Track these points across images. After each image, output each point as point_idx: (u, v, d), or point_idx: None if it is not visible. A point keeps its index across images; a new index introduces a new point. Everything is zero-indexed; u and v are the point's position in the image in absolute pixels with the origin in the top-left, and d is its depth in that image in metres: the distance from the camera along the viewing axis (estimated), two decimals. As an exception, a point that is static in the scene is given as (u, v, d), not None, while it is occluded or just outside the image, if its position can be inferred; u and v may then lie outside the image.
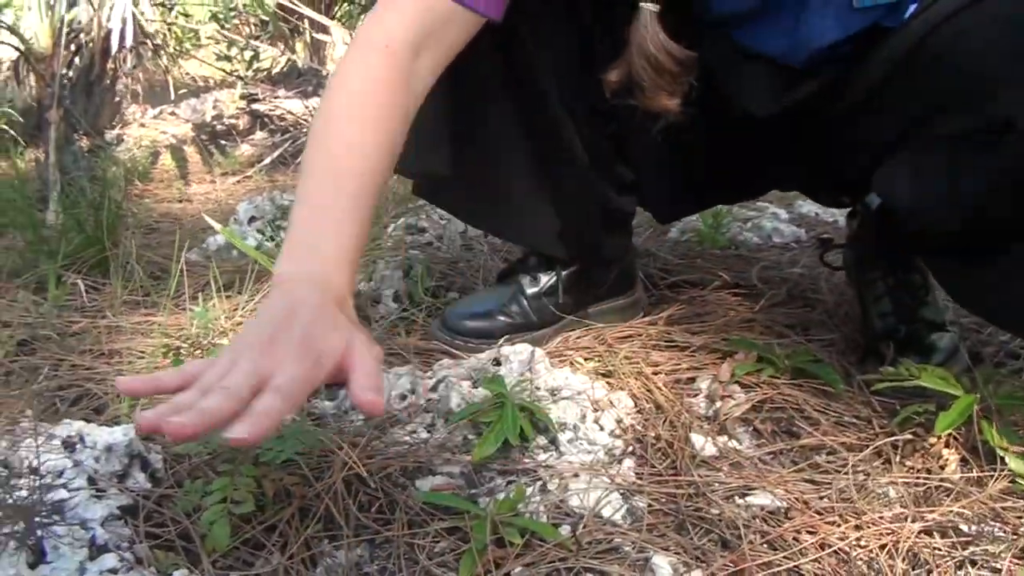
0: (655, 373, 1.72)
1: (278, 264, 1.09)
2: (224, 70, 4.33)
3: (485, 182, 1.50)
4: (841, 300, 1.99)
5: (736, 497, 1.41)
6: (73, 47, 3.50)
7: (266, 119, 4.04)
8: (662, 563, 1.28)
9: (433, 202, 1.70)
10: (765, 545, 1.31)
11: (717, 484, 1.44)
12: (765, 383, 1.67)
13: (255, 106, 4.10)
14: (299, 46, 4.56)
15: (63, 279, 2.10)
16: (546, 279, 1.60)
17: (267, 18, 4.41)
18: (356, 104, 1.07)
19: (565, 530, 1.30)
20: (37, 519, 1.17)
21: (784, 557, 1.26)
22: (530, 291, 1.61)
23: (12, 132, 3.03)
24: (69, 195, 2.24)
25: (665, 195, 1.59)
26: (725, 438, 1.59)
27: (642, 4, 1.26)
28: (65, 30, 3.31)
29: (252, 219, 2.57)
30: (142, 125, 4.07)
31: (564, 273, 1.63)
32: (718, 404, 1.64)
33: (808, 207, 2.82)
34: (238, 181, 3.23)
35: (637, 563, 1.28)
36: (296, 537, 1.29)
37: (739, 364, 1.68)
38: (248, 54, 4.56)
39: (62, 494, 1.27)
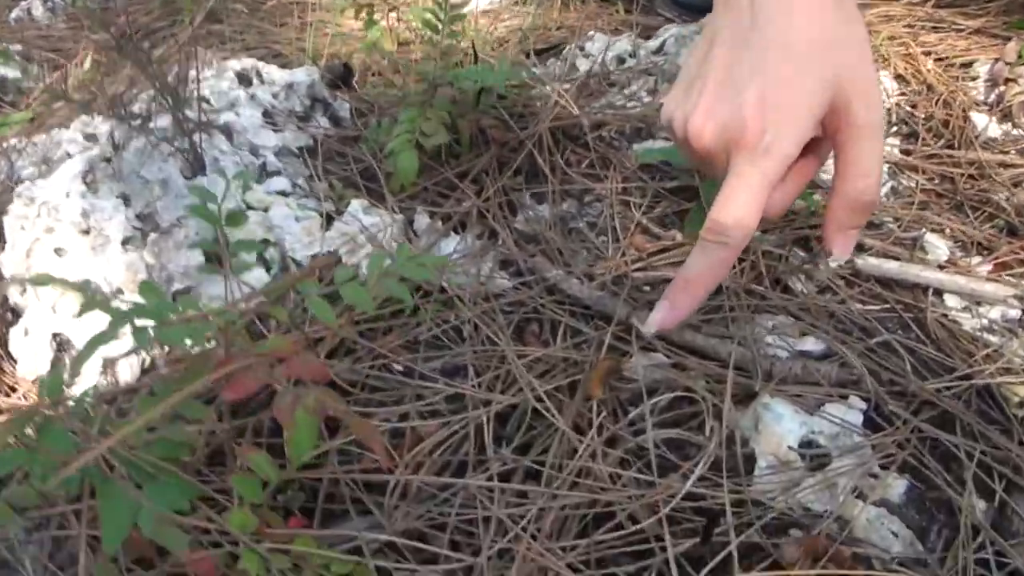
0: (925, 54, 1.40)
1: None
2: None
3: None
4: None
5: (1030, 181, 1.13)
6: None
7: None
8: (937, 242, 1.03)
9: None
10: (1077, 227, 1.04)
11: (1003, 168, 1.16)
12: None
13: None
14: None
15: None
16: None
17: None
18: None
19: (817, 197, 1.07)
20: (198, 133, 1.03)
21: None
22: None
23: None
24: None
25: None
26: (1009, 125, 1.27)
27: None
28: None
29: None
30: None
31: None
32: (1001, 88, 1.32)
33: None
34: None
35: (905, 241, 1.04)
36: (493, 182, 1.11)
37: (1030, 44, 1.34)
38: None
39: (231, 117, 1.13)
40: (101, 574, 0.59)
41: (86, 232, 0.90)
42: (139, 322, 0.56)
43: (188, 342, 0.59)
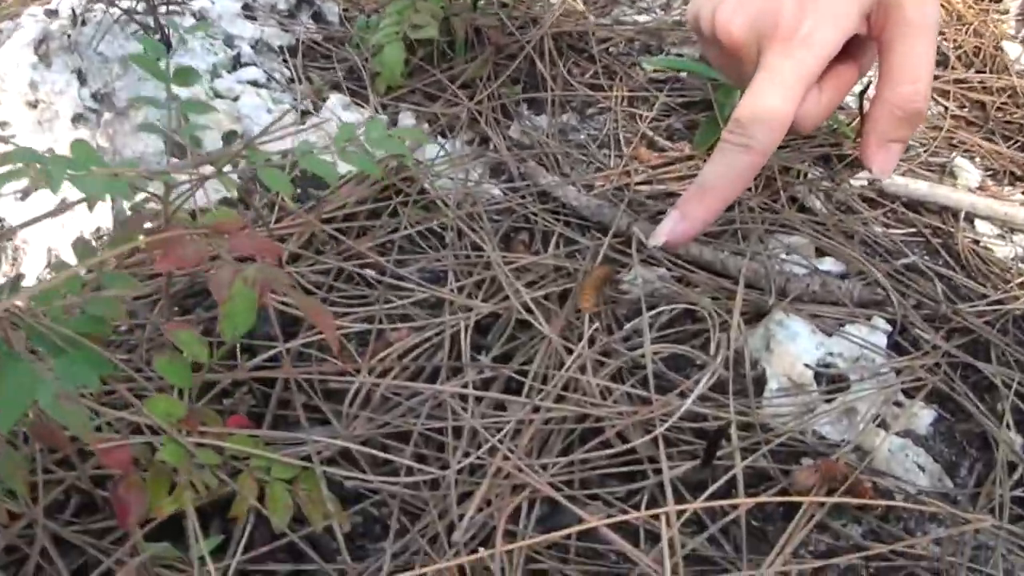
0: (956, -16, 1.30)
1: None
2: None
3: None
4: None
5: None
6: None
7: None
8: (968, 167, 0.95)
9: None
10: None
11: (1039, 97, 1.07)
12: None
13: None
14: None
15: None
16: None
17: None
18: None
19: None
20: (165, 7, 0.93)
21: None
22: None
23: None
24: None
25: None
26: (1044, 57, 1.18)
27: None
28: None
29: None
30: None
31: None
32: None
33: None
34: None
35: (933, 166, 0.95)
36: (487, 87, 1.01)
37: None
38: None
39: (205, 3, 1.03)
40: (4, 468, 0.50)
41: (33, 105, 0.81)
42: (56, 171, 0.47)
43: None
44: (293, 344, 0.68)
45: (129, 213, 0.58)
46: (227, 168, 0.66)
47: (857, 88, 0.77)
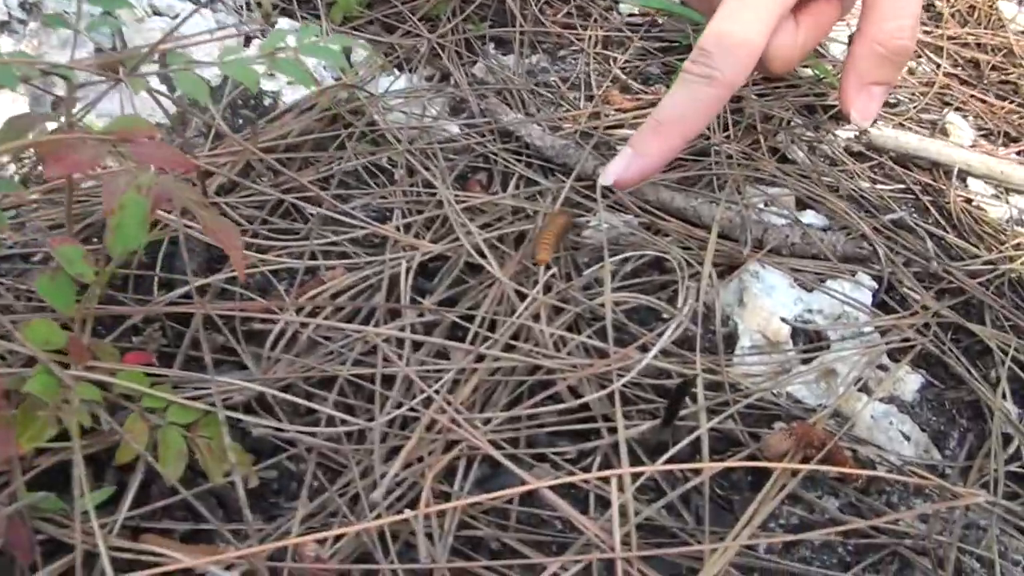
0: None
1: None
2: None
3: None
4: None
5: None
6: None
7: None
8: (962, 124, 0.89)
9: None
10: None
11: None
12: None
13: None
14: None
15: None
16: None
17: None
18: None
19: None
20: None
21: None
22: None
23: None
24: None
25: None
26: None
27: None
28: None
29: None
30: None
31: None
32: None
33: None
34: None
35: (924, 124, 0.89)
36: (450, 21, 0.93)
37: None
38: None
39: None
40: None
41: (-59, 10, 0.73)
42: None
43: None
44: (215, 278, 0.61)
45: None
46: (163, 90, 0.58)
47: (846, 33, 0.70)
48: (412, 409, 0.52)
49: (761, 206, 0.71)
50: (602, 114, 0.83)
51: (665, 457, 0.50)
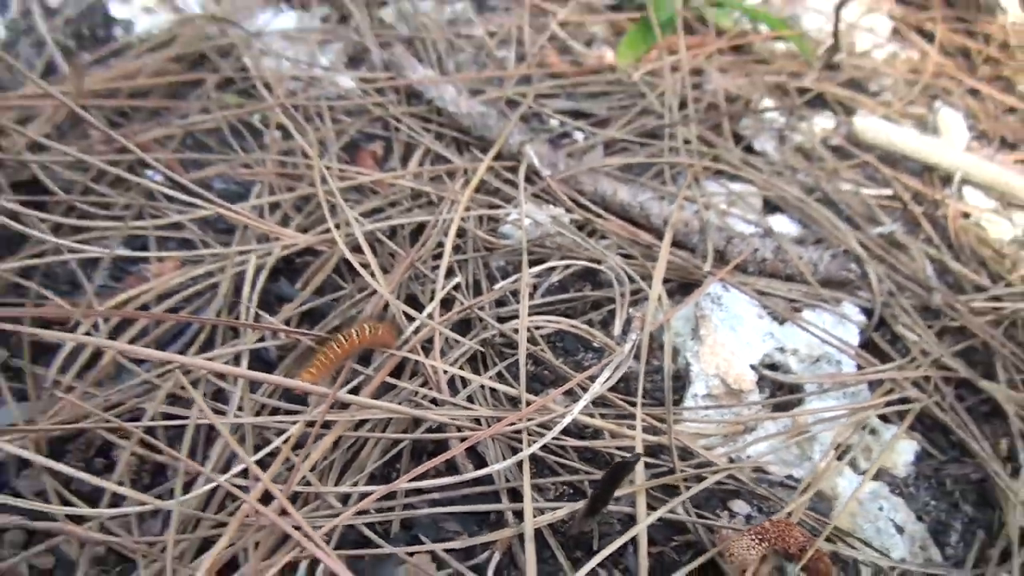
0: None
1: None
2: None
3: None
4: None
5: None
6: None
7: None
8: (955, 118, 0.76)
9: None
10: None
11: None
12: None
13: None
14: None
15: None
16: None
17: None
18: None
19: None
20: None
21: None
22: None
23: None
24: None
25: None
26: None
27: None
28: None
29: None
30: None
31: None
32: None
33: None
34: None
35: (912, 115, 0.76)
36: (361, -48, 0.77)
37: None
38: None
39: None
40: None
41: None
42: None
43: None
44: (4, 267, 0.44)
45: None
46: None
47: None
48: (235, 479, 0.36)
49: (724, 206, 0.57)
50: (534, 78, 0.67)
51: (588, 568, 0.36)
